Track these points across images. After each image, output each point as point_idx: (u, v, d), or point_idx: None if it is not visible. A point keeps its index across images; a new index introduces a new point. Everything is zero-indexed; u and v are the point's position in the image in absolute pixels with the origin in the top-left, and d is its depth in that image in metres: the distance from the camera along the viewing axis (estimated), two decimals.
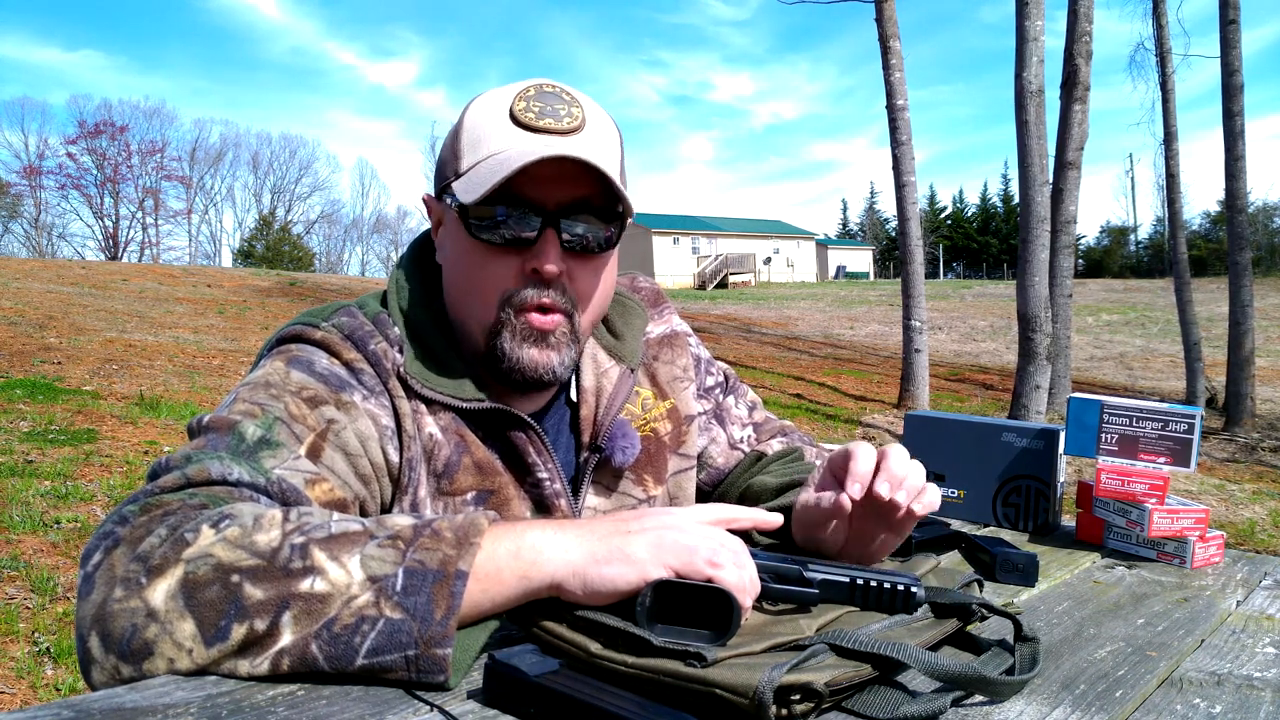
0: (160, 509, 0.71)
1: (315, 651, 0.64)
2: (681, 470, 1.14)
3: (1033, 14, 8.16)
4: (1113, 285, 37.05)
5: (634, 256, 46.83)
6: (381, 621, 0.65)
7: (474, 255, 0.96)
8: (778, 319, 21.84)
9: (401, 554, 0.67)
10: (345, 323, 0.97)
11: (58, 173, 49.47)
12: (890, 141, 10.25)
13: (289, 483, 0.80)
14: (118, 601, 0.65)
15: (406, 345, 0.97)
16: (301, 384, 0.89)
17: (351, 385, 0.92)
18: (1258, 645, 0.91)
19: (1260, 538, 5.82)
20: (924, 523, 1.29)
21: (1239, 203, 10.80)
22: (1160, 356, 16.66)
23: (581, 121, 0.94)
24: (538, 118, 0.92)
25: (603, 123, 0.97)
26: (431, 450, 0.95)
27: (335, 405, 0.89)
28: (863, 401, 11.11)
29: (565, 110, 0.94)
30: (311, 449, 0.85)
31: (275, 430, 0.83)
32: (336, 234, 65.54)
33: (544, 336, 0.95)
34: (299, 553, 0.67)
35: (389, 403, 0.94)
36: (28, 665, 2.89)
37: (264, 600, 0.65)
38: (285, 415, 0.85)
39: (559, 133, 0.92)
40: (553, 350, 0.95)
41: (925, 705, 0.66)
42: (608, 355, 1.08)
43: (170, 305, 14.03)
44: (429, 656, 0.65)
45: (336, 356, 0.94)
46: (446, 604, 0.66)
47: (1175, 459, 1.27)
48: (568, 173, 0.91)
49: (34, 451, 5.27)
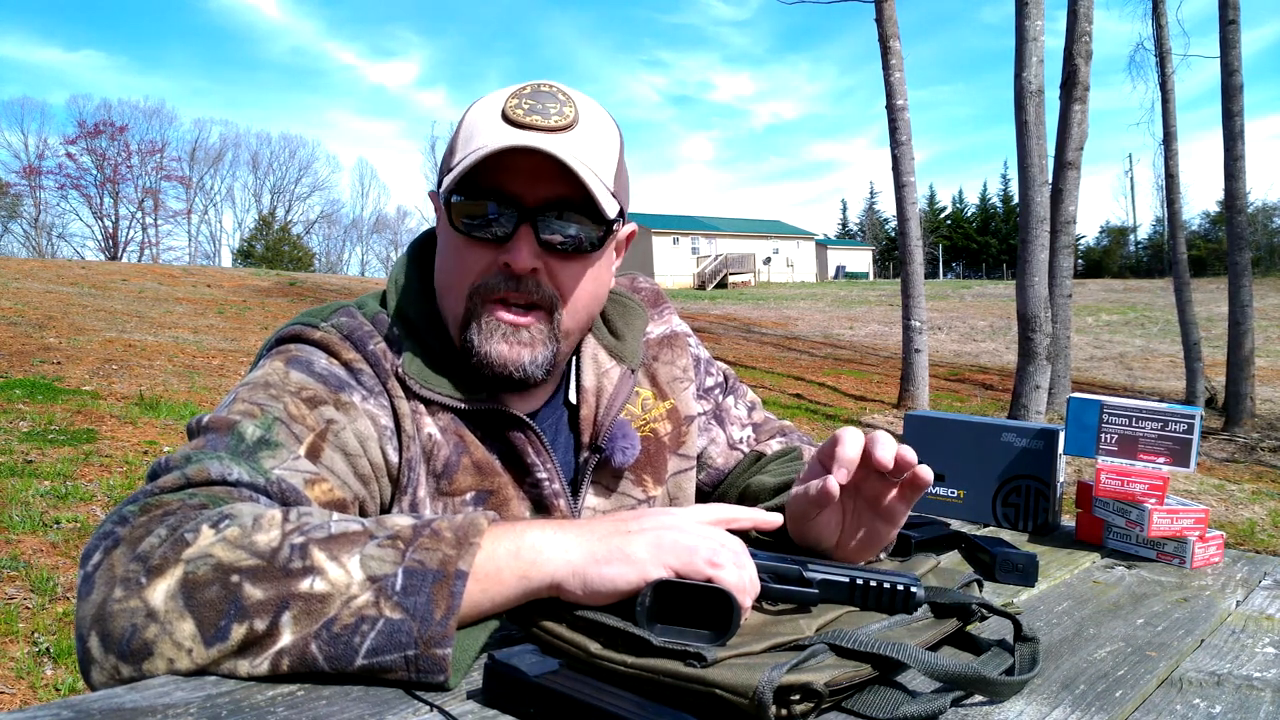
0: (160, 509, 0.71)
1: (315, 651, 0.64)
2: (681, 471, 1.14)
3: (1032, 14, 8.16)
4: (1112, 285, 37.06)
5: (633, 256, 46.83)
6: (381, 621, 0.65)
7: (454, 247, 0.96)
8: (777, 319, 21.84)
9: (401, 554, 0.67)
10: (344, 323, 0.97)
11: (57, 173, 49.55)
12: (890, 142, 10.25)
13: (288, 483, 0.80)
14: (117, 601, 0.65)
15: (404, 345, 0.97)
16: (301, 384, 0.89)
17: (351, 385, 0.92)
18: (1257, 645, 0.91)
19: (1260, 538, 5.83)
20: (924, 523, 1.29)
21: (1238, 203, 10.80)
22: (1160, 356, 16.66)
23: (571, 121, 0.93)
24: (526, 115, 0.92)
25: (598, 124, 0.96)
26: (431, 451, 0.94)
27: (334, 405, 0.89)
28: (862, 401, 11.11)
29: (556, 109, 0.93)
30: (311, 449, 0.85)
31: (274, 430, 0.83)
32: (336, 234, 65.67)
33: (515, 332, 0.94)
34: (299, 553, 0.67)
35: (388, 403, 0.94)
36: (27, 665, 2.89)
37: (264, 600, 0.65)
38: (284, 415, 0.85)
39: (544, 130, 0.91)
40: (525, 347, 0.95)
41: (925, 705, 0.66)
42: (609, 355, 1.08)
43: (170, 305, 14.02)
44: (429, 656, 0.65)
45: (336, 357, 0.94)
46: (446, 604, 0.66)
47: (1175, 459, 1.27)
48: (549, 170, 0.91)
49: (34, 451, 5.27)
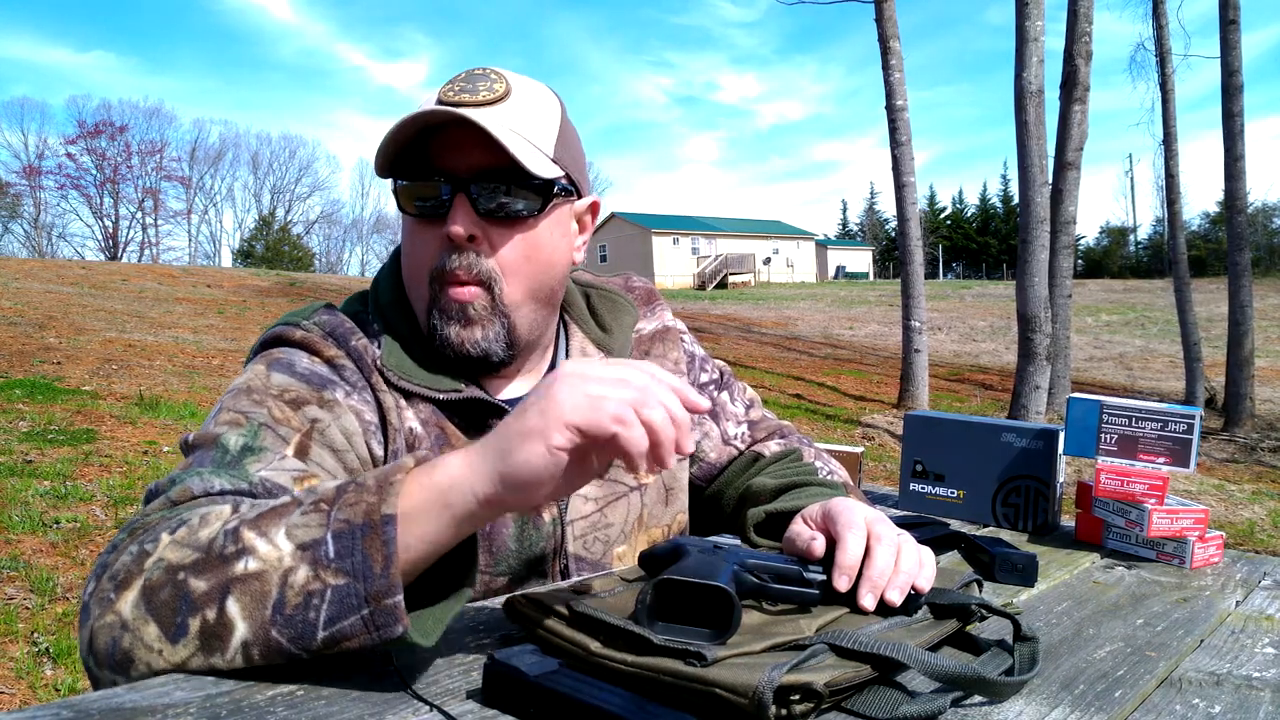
0: (142, 530, 0.73)
1: (277, 637, 0.65)
2: (676, 461, 1.14)
3: (1033, 14, 8.16)
4: (1112, 285, 37.06)
5: (634, 257, 46.84)
6: (329, 591, 0.65)
7: (408, 233, 0.99)
8: (777, 319, 21.84)
9: (326, 515, 0.67)
10: (326, 320, 0.98)
11: (57, 173, 49.57)
12: (890, 142, 10.25)
13: (274, 481, 0.81)
14: (98, 620, 0.68)
15: (385, 339, 0.98)
16: (283, 387, 0.90)
17: (334, 382, 0.94)
18: (1257, 645, 0.91)
19: (1259, 538, 5.83)
20: (924, 523, 1.29)
21: (1238, 203, 10.80)
22: (1160, 357, 16.66)
23: (501, 95, 0.94)
24: (456, 94, 0.93)
25: (533, 96, 0.97)
26: (412, 445, 0.96)
27: (318, 404, 0.90)
28: (862, 401, 11.11)
29: (486, 85, 0.95)
30: (299, 448, 0.86)
31: (260, 436, 0.84)
32: (336, 234, 65.60)
33: (463, 310, 0.95)
34: (230, 537, 0.67)
35: (372, 398, 0.95)
36: (27, 665, 2.89)
37: (207, 591, 0.66)
38: (269, 420, 0.86)
39: (471, 105, 0.92)
40: (475, 325, 0.96)
41: (925, 705, 0.66)
42: (596, 348, 1.09)
43: (170, 305, 14.02)
44: (381, 610, 0.64)
45: (318, 355, 0.95)
46: (382, 555, 0.65)
47: (1175, 459, 1.27)
48: (477, 140, 0.91)
49: (33, 451, 5.27)
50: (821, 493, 1.04)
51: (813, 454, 1.20)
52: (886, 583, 0.81)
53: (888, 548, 0.83)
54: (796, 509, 0.98)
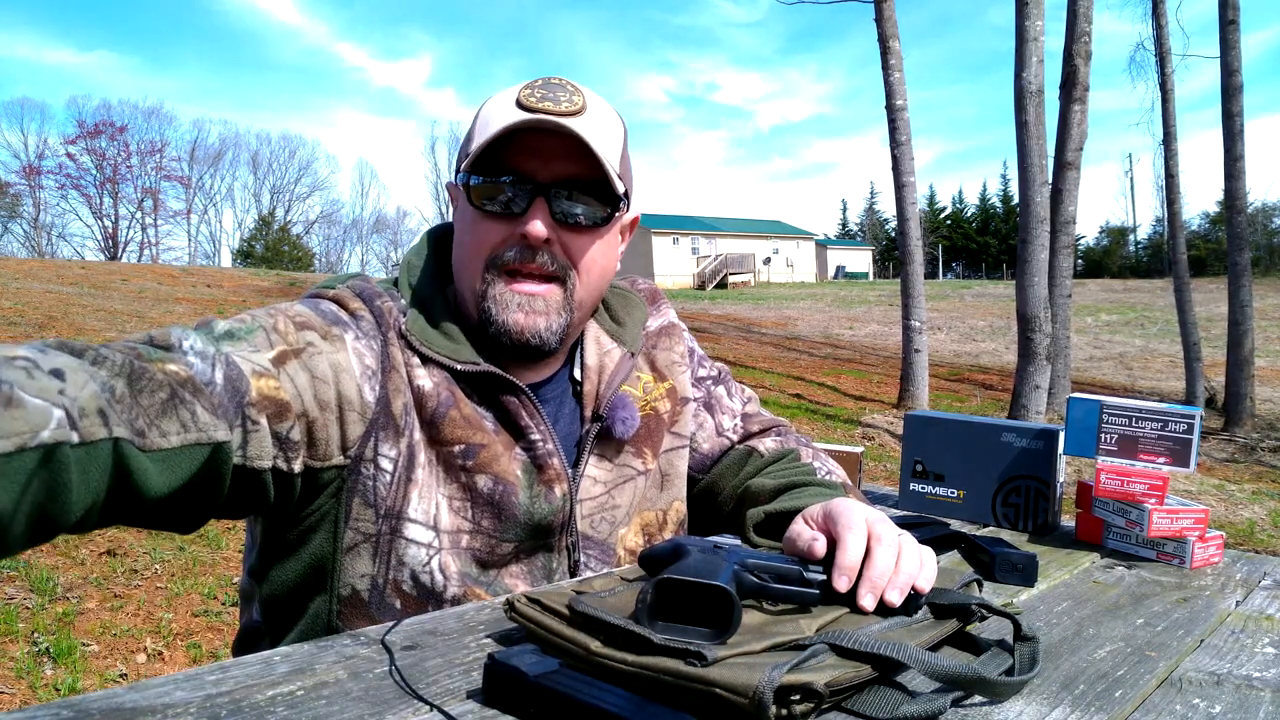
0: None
1: None
2: (674, 448, 1.17)
3: (1032, 14, 8.16)
4: (1112, 285, 37.06)
5: (634, 257, 46.83)
6: None
7: (472, 224, 1.01)
8: (777, 319, 21.85)
9: None
10: (356, 284, 1.05)
11: (57, 173, 49.47)
12: (890, 142, 10.25)
13: (234, 362, 0.84)
14: None
15: (410, 311, 1.02)
16: (300, 313, 0.96)
17: (346, 324, 0.98)
18: (1257, 645, 0.91)
19: (1260, 538, 5.83)
20: (924, 523, 1.29)
21: (1238, 203, 10.80)
22: (1159, 357, 16.66)
23: (580, 107, 0.98)
24: (539, 101, 0.97)
25: (605, 113, 1.03)
26: (420, 400, 0.98)
27: (322, 335, 0.94)
28: (862, 401, 11.11)
29: (566, 96, 0.99)
30: (279, 356, 0.89)
31: (253, 334, 0.90)
32: (336, 234, 65.60)
33: (530, 301, 0.99)
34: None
35: (380, 348, 0.98)
36: (27, 665, 2.89)
37: None
38: (269, 327, 0.92)
39: (556, 114, 0.97)
40: (540, 315, 1.00)
41: (925, 705, 0.66)
42: (610, 338, 1.13)
43: (170, 305, 14.02)
44: None
45: (344, 307, 1.00)
46: None
47: (1175, 459, 1.27)
48: (560, 150, 0.97)
49: None
50: (821, 493, 1.05)
51: (810, 454, 1.21)
52: (887, 583, 0.82)
53: (888, 548, 0.83)
54: (796, 509, 0.99)
